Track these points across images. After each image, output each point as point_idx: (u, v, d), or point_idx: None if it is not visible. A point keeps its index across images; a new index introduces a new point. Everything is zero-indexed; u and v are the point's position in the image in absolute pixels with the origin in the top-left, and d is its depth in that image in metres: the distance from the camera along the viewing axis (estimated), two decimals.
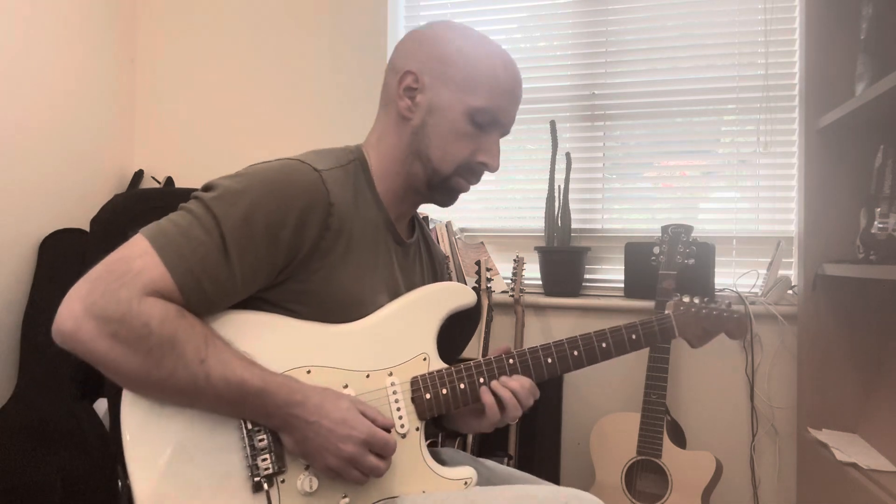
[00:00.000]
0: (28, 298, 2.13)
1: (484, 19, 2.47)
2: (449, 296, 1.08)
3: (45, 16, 2.23)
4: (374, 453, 0.92)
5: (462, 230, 2.44)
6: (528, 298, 2.17)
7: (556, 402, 2.16)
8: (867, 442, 1.75)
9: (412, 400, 1.02)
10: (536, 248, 2.26)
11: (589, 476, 1.96)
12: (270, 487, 0.91)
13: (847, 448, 1.69)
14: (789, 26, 2.16)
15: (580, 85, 2.36)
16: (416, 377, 1.03)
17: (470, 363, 1.05)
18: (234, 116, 2.56)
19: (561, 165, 2.23)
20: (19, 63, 2.14)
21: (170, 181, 2.57)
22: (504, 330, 2.21)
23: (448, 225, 2.19)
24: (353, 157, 1.05)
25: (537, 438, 2.12)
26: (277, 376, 0.92)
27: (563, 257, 2.23)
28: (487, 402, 1.03)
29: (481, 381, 1.04)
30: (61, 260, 2.17)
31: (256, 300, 0.97)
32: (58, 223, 2.24)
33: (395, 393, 1.01)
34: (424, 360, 1.04)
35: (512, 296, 2.10)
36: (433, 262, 1.23)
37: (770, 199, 2.19)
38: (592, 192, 2.36)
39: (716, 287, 2.07)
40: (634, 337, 1.07)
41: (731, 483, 2.03)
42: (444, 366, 1.05)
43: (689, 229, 1.92)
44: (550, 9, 2.40)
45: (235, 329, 0.94)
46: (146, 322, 0.84)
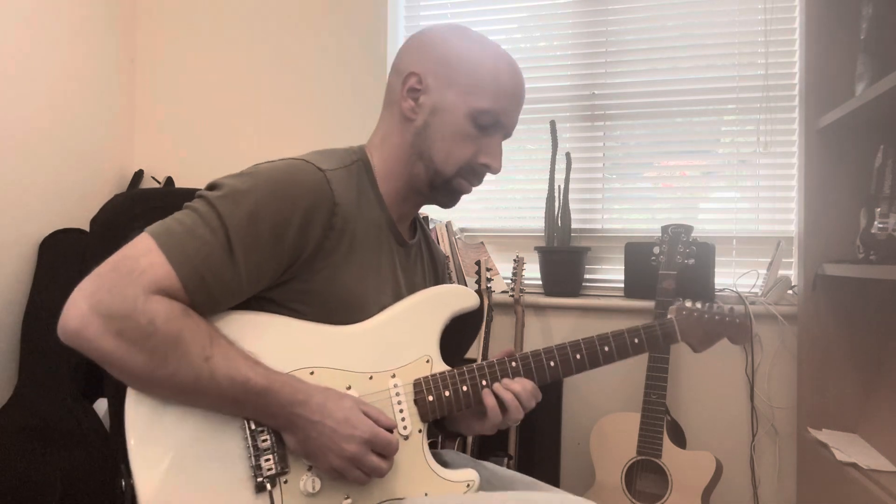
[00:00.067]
0: (28, 298, 2.13)
1: (484, 19, 2.47)
2: (452, 298, 1.08)
3: (46, 16, 2.23)
4: (376, 453, 0.92)
5: (462, 230, 2.44)
6: (528, 298, 2.17)
7: (556, 402, 2.15)
8: (867, 442, 1.75)
9: (415, 402, 1.02)
10: (536, 248, 2.26)
11: (589, 476, 1.96)
12: (273, 488, 0.91)
13: (847, 448, 1.69)
14: (789, 26, 2.16)
15: (580, 85, 2.36)
16: (418, 379, 1.03)
17: (473, 366, 1.05)
18: (234, 116, 2.56)
19: (561, 165, 2.23)
20: (19, 63, 2.14)
21: (170, 181, 2.57)
22: (504, 330, 2.21)
23: (448, 225, 2.19)
24: (356, 158, 1.05)
25: (537, 438, 2.12)
26: (281, 375, 0.92)
27: (563, 257, 2.23)
28: (489, 404, 1.03)
29: (484, 383, 1.04)
30: (61, 260, 2.17)
31: (261, 300, 0.97)
32: (58, 223, 2.24)
33: (397, 395, 1.01)
34: (427, 362, 1.04)
35: (512, 296, 2.10)
36: (434, 262, 1.24)
37: (770, 199, 2.19)
38: (592, 192, 2.36)
39: (716, 287, 2.07)
40: (637, 341, 1.07)
41: (731, 483, 2.04)
42: (447, 368, 1.05)
43: (689, 229, 1.92)
44: (550, 9, 2.40)
45: (240, 329, 0.94)
46: (151, 320, 0.84)
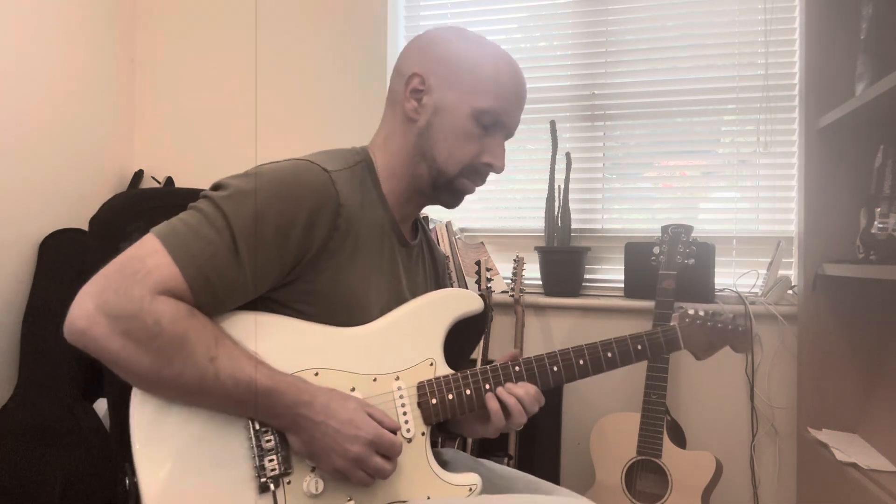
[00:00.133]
0: (28, 298, 2.12)
1: (484, 19, 2.47)
2: (456, 302, 1.09)
3: (46, 16, 2.23)
4: (380, 455, 0.92)
5: (462, 230, 2.44)
6: (528, 298, 2.17)
7: (556, 402, 2.15)
8: (867, 442, 1.75)
9: (418, 405, 1.02)
10: (536, 248, 2.26)
11: (589, 476, 1.96)
12: (277, 488, 0.91)
13: (847, 448, 1.69)
14: (789, 26, 2.16)
15: (580, 85, 2.36)
16: (422, 382, 1.03)
17: (476, 370, 1.05)
18: (234, 116, 2.56)
19: (561, 165, 2.23)
20: (19, 63, 2.14)
21: (170, 181, 2.57)
22: (504, 330, 2.21)
23: (448, 225, 2.19)
24: (359, 159, 1.06)
25: (537, 438, 2.12)
26: (286, 376, 0.92)
27: (563, 257, 2.23)
28: (493, 408, 1.03)
29: (487, 387, 1.04)
30: (61, 260, 2.17)
31: (265, 300, 0.97)
32: (58, 223, 2.24)
33: (401, 397, 1.01)
34: (431, 365, 1.04)
35: (512, 296, 2.10)
36: (435, 263, 1.24)
37: (770, 199, 2.19)
38: (592, 192, 2.36)
39: (716, 287, 2.07)
40: (640, 347, 1.08)
41: (731, 483, 2.03)
42: (451, 371, 1.05)
43: (689, 229, 1.92)
44: (550, 9, 2.40)
45: (244, 329, 0.94)
46: (157, 320, 0.84)
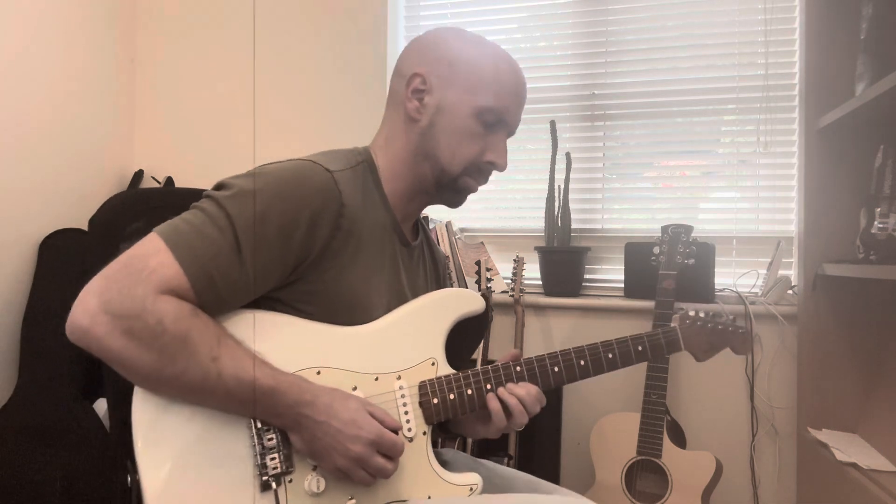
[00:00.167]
0: (28, 298, 2.12)
1: (484, 19, 2.47)
2: (458, 302, 1.09)
3: (45, 16, 2.23)
4: (381, 454, 0.92)
5: (462, 230, 2.44)
6: (528, 298, 2.17)
7: (556, 402, 2.15)
8: (867, 442, 1.75)
9: (420, 404, 1.02)
10: (536, 248, 2.26)
11: (589, 476, 1.96)
12: (278, 487, 0.92)
13: (847, 448, 1.69)
14: (789, 26, 2.16)
15: (580, 85, 2.36)
16: (424, 382, 1.03)
17: (478, 370, 1.05)
18: (234, 116, 2.56)
19: (561, 165, 2.23)
20: (19, 63, 2.14)
21: (170, 181, 2.57)
22: (504, 330, 2.21)
23: (448, 225, 2.19)
24: (361, 159, 1.06)
25: (537, 438, 2.12)
26: (288, 376, 0.92)
27: (563, 257, 2.23)
28: (494, 408, 1.03)
29: (488, 387, 1.04)
30: (61, 260, 2.17)
31: (268, 300, 0.97)
32: (58, 223, 2.24)
33: (403, 397, 1.01)
34: (433, 364, 1.04)
35: (512, 296, 2.09)
36: (436, 264, 1.24)
37: (770, 199, 2.19)
38: (592, 192, 2.36)
39: (716, 287, 2.07)
40: (640, 349, 1.08)
41: (731, 483, 2.03)
42: (452, 371, 1.05)
43: (689, 229, 1.92)
44: (550, 9, 2.40)
45: (246, 328, 0.94)
46: (160, 319, 0.85)
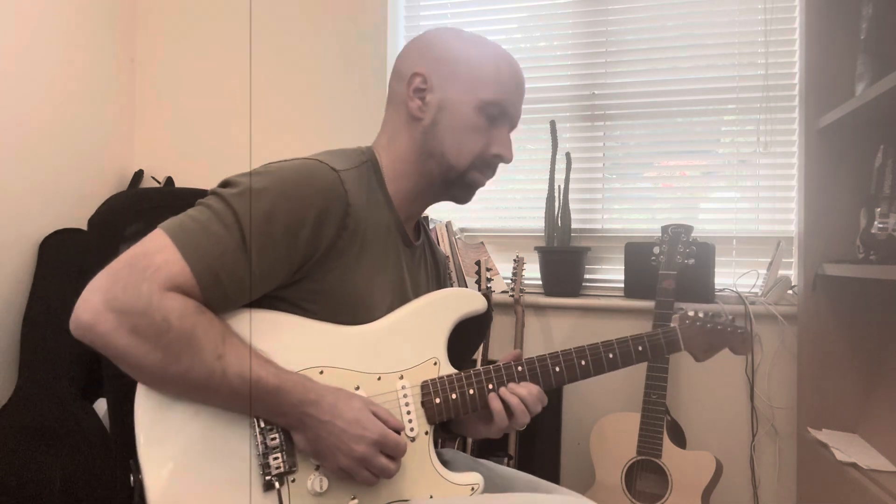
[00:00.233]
0: (28, 298, 2.12)
1: (484, 19, 2.47)
2: (460, 301, 1.09)
3: (45, 16, 2.23)
4: (385, 454, 0.93)
5: (462, 230, 2.44)
6: (528, 298, 2.17)
7: (556, 402, 2.15)
8: (867, 442, 1.75)
9: (422, 404, 1.02)
10: (536, 248, 2.26)
11: (589, 476, 1.96)
12: (281, 486, 0.92)
13: (847, 448, 1.69)
14: (789, 26, 2.16)
15: (580, 85, 2.36)
16: (426, 381, 1.03)
17: (479, 369, 1.05)
18: (234, 116, 2.56)
19: (561, 165, 2.23)
20: (20, 63, 2.14)
21: (170, 181, 2.57)
22: (504, 330, 2.21)
23: (448, 225, 2.19)
24: (365, 159, 1.06)
25: (537, 438, 2.12)
26: (292, 375, 0.92)
27: (563, 257, 2.23)
28: (496, 408, 1.03)
29: (490, 387, 1.04)
30: (61, 260, 2.17)
31: (272, 298, 0.97)
32: (58, 223, 2.24)
33: (405, 396, 1.01)
34: (435, 364, 1.04)
35: (512, 296, 2.09)
36: (437, 264, 1.25)
37: (770, 199, 2.19)
38: (592, 192, 2.36)
39: (716, 287, 2.07)
40: (641, 349, 1.08)
41: (731, 483, 2.03)
42: (454, 371, 1.05)
43: (689, 229, 1.92)
44: (550, 9, 2.40)
45: (251, 327, 0.94)
46: (166, 316, 0.84)
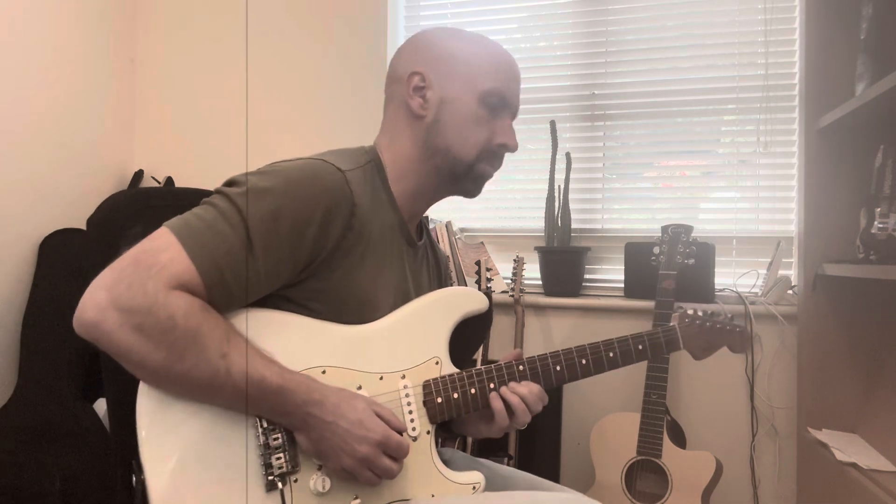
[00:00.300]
0: (28, 298, 2.13)
1: (484, 19, 2.47)
2: (462, 301, 1.09)
3: (45, 16, 2.23)
4: (387, 455, 0.93)
5: (462, 230, 2.44)
6: (528, 298, 2.17)
7: (556, 402, 2.15)
8: (867, 442, 1.75)
9: (424, 403, 1.02)
10: (536, 248, 2.26)
11: (589, 476, 1.96)
12: (284, 486, 0.92)
13: (847, 448, 1.68)
14: (789, 26, 2.16)
15: (580, 85, 2.36)
16: (428, 381, 1.03)
17: (481, 369, 1.05)
18: (234, 116, 2.56)
19: (561, 165, 2.23)
20: (19, 63, 2.14)
21: (170, 181, 2.57)
22: (504, 330, 2.21)
23: (448, 225, 2.19)
24: (368, 158, 1.06)
25: (537, 438, 2.12)
26: (296, 375, 0.92)
27: (563, 257, 2.23)
28: (497, 408, 1.03)
29: (491, 386, 1.05)
30: (61, 260, 2.17)
31: (276, 297, 0.97)
32: (58, 223, 2.24)
33: (407, 396, 1.01)
34: (437, 363, 1.05)
35: (512, 296, 2.09)
36: (438, 264, 1.25)
37: (770, 199, 2.19)
38: (592, 192, 2.36)
39: (716, 287, 2.07)
40: (641, 347, 1.08)
41: (731, 483, 2.03)
42: (456, 370, 1.05)
43: (689, 229, 1.92)
44: (550, 9, 2.40)
45: (254, 326, 0.94)
46: (171, 315, 0.84)
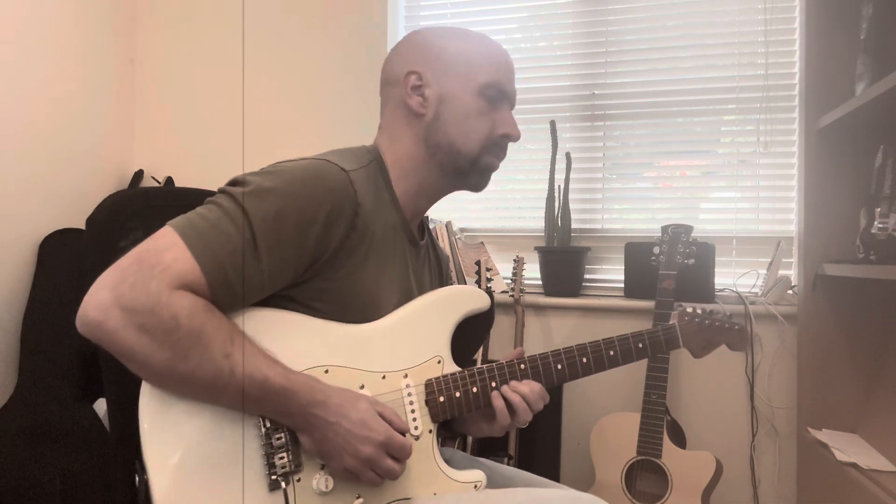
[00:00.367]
0: (28, 298, 2.12)
1: (484, 19, 2.47)
2: (464, 299, 1.09)
3: (45, 16, 2.23)
4: (390, 456, 0.93)
5: (462, 230, 2.44)
6: (528, 298, 2.17)
7: (556, 402, 2.15)
8: (867, 442, 1.75)
9: (426, 402, 1.02)
10: (536, 248, 2.26)
11: (589, 476, 1.96)
12: (287, 486, 0.92)
13: (847, 448, 1.68)
14: (789, 26, 2.16)
15: (580, 85, 2.36)
16: (430, 380, 1.03)
17: (483, 367, 1.05)
18: (234, 116, 2.56)
19: (561, 165, 2.23)
20: (19, 63, 2.14)
21: (170, 181, 2.57)
22: (504, 330, 2.21)
23: (448, 225, 2.19)
24: (371, 158, 1.06)
25: (537, 438, 2.12)
26: (300, 376, 0.92)
27: (563, 257, 2.23)
28: (498, 406, 1.04)
29: (493, 385, 1.05)
30: (61, 260, 2.17)
31: (279, 297, 0.97)
32: (58, 223, 2.24)
33: (409, 395, 1.01)
34: (439, 362, 1.05)
35: (512, 296, 2.09)
36: (439, 263, 1.25)
37: (770, 199, 2.19)
38: (592, 192, 2.36)
39: (716, 287, 2.07)
40: (641, 346, 1.09)
41: (731, 483, 2.03)
42: (458, 369, 1.06)
43: (689, 229, 1.92)
44: (550, 9, 2.40)
45: (256, 326, 0.94)
46: (175, 315, 0.84)
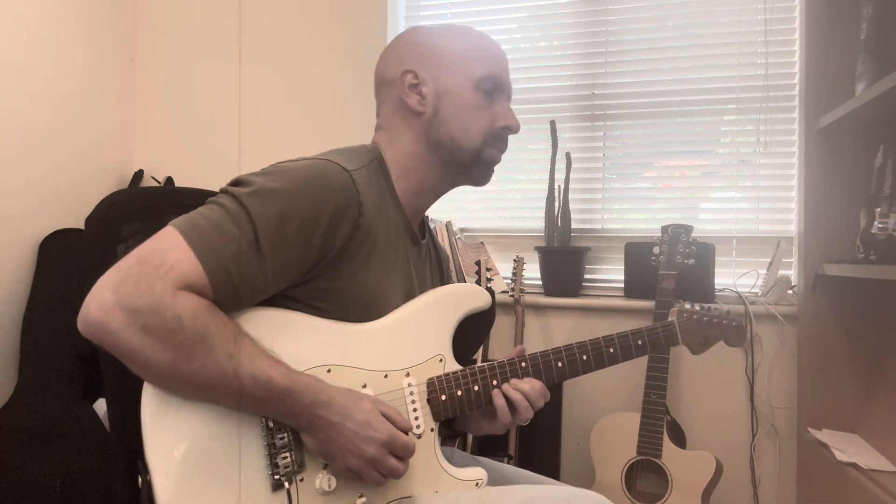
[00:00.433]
0: (28, 298, 2.12)
1: (484, 19, 2.47)
2: (465, 298, 1.09)
3: (45, 16, 2.23)
4: (393, 455, 0.93)
5: (462, 230, 2.44)
6: (528, 298, 2.17)
7: (556, 402, 2.15)
8: (867, 442, 1.75)
9: (428, 401, 1.03)
10: (536, 248, 2.26)
11: (589, 476, 1.96)
12: (290, 485, 0.92)
13: (847, 448, 1.69)
14: (789, 26, 2.16)
15: (580, 85, 2.36)
16: (432, 378, 1.04)
17: (484, 366, 1.06)
18: (234, 116, 2.56)
19: (561, 165, 2.23)
20: (19, 63, 2.14)
21: (170, 181, 2.57)
22: (504, 330, 2.21)
23: (448, 225, 2.18)
24: (372, 157, 1.06)
25: (537, 438, 2.12)
26: (303, 376, 0.92)
27: (563, 257, 2.23)
28: (499, 404, 1.04)
29: (494, 383, 1.05)
30: (61, 260, 2.17)
31: (282, 297, 0.97)
32: (58, 223, 2.24)
33: (411, 394, 1.02)
34: (440, 361, 1.05)
35: (512, 296, 2.09)
36: (440, 261, 1.25)
37: (770, 199, 2.19)
38: (592, 192, 2.36)
39: (716, 287, 2.07)
40: (640, 343, 1.09)
41: (731, 483, 2.03)
42: (459, 367, 1.06)
43: (689, 229, 1.92)
44: (550, 9, 2.40)
45: (258, 326, 0.94)
46: (178, 316, 0.84)
